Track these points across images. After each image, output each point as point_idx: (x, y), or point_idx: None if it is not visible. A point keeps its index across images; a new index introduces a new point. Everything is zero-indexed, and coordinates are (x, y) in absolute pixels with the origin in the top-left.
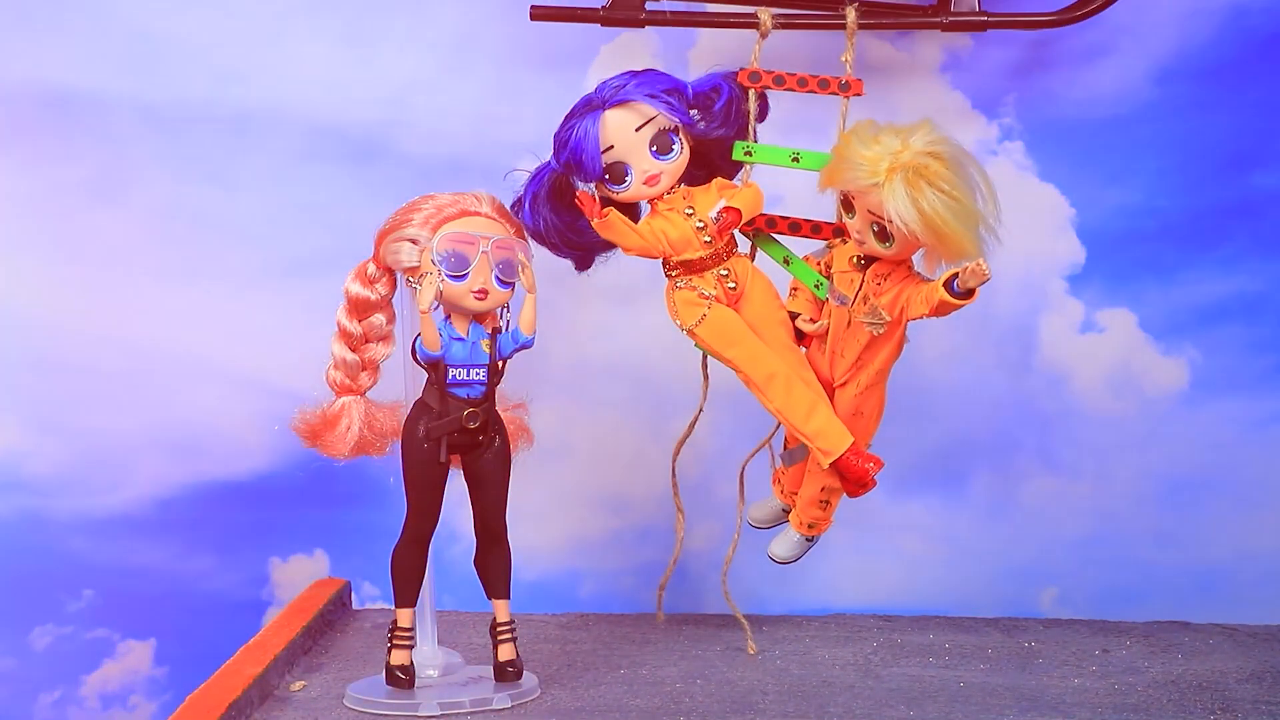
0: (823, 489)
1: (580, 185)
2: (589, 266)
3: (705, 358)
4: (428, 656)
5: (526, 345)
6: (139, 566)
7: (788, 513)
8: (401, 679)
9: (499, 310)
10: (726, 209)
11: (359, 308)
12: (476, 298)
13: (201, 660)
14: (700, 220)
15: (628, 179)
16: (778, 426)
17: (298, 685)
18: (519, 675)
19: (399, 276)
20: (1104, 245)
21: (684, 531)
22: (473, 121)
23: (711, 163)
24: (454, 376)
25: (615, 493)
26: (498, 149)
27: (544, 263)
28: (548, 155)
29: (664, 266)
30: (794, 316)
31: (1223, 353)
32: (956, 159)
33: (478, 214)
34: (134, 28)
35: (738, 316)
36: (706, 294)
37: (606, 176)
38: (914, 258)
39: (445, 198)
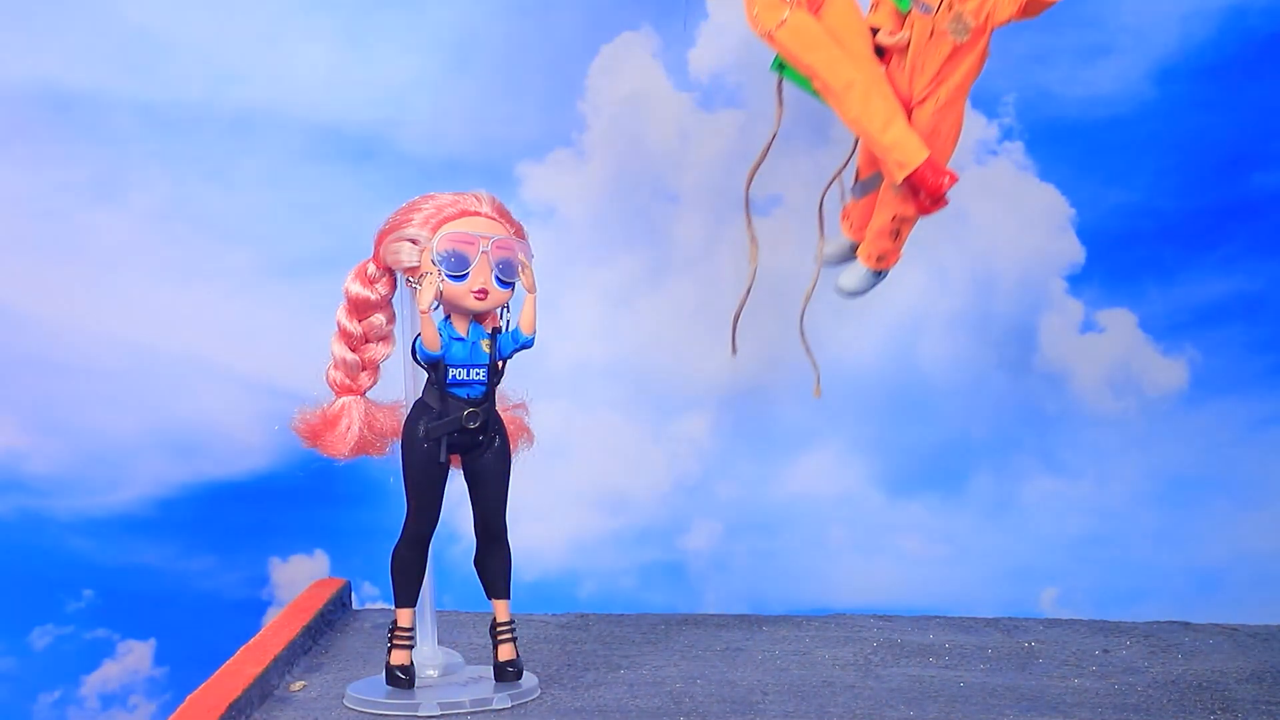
0: (894, 217)
1: None
2: None
3: (780, 82)
4: (428, 656)
5: (526, 345)
6: (139, 566)
7: (856, 250)
8: (401, 679)
9: (499, 310)
10: None
11: (359, 308)
12: (476, 298)
13: (201, 660)
14: None
15: None
16: (849, 156)
17: (298, 685)
18: (519, 675)
19: (399, 276)
20: (1104, 245)
21: (758, 263)
22: (473, 121)
23: None
24: (454, 376)
25: (615, 493)
26: (498, 149)
27: (544, 263)
28: None
29: None
30: (874, 31)
31: (1223, 353)
32: None
33: (478, 214)
34: (134, 28)
35: (818, 23)
36: None
37: None
38: None
39: (445, 198)
